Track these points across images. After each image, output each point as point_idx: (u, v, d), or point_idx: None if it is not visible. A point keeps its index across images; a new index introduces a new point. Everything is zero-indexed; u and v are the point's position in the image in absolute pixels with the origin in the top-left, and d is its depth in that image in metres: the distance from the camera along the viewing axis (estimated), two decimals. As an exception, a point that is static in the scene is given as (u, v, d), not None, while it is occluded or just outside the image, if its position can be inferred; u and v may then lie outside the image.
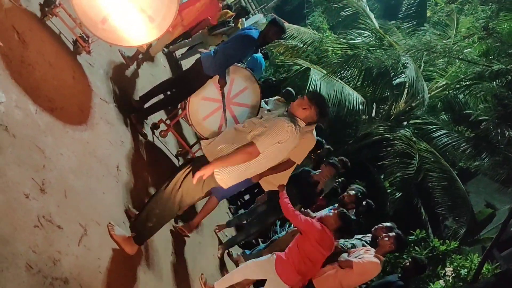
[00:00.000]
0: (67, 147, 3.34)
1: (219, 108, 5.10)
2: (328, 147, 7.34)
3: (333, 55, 11.24)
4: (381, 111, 11.43)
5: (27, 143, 2.91)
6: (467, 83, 10.45)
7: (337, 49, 11.08)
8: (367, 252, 4.89)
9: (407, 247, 7.37)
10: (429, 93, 10.20)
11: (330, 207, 5.68)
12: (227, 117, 4.85)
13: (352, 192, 5.70)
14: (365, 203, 6.14)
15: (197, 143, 6.02)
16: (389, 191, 10.62)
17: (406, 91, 10.35)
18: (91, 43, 4.50)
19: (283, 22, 5.34)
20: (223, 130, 4.63)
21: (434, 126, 10.48)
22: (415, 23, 14.11)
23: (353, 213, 5.83)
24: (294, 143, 3.47)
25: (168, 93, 5.43)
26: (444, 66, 11.36)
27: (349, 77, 10.69)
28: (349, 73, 10.56)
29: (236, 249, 5.93)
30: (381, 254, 4.73)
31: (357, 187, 6.10)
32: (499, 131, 9.86)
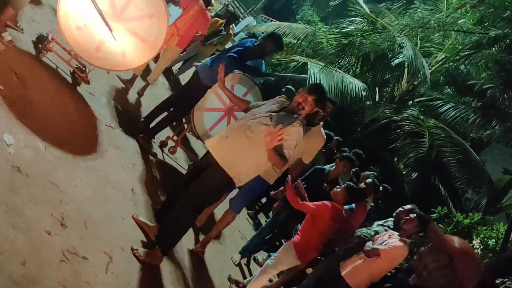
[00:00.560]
0: (80, 178, 3.38)
1: (223, 116, 5.12)
2: (337, 138, 7.32)
3: (328, 46, 11.23)
4: (385, 94, 11.38)
5: (41, 181, 2.95)
6: (466, 53, 10.36)
7: (331, 40, 11.07)
8: (391, 237, 4.86)
9: (431, 226, 7.32)
10: (429, 69, 10.13)
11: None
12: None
13: (368, 180, 5.66)
14: (382, 188, 6.12)
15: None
16: (404, 173, 10.56)
17: (406, 70, 10.29)
18: (88, 72, 4.54)
19: (281, 37, 5.35)
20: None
21: (439, 101, 10.40)
22: (405, 1, 14.01)
23: (372, 200, 5.80)
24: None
25: (171, 109, 5.46)
26: (440, 40, 11.28)
27: (347, 66, 10.65)
28: (347, 61, 10.52)
29: (261, 253, 5.94)
30: (405, 237, 4.71)
31: (371, 173, 6.08)
32: (505, 96, 9.78)
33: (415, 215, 4.80)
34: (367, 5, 12.36)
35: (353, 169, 6.88)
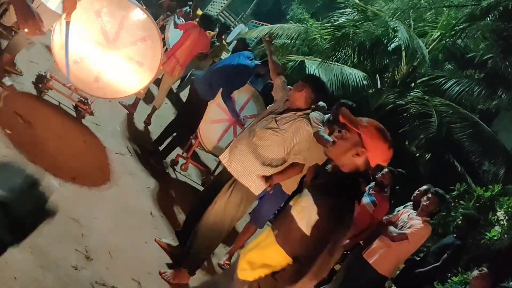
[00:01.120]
0: (98, 209, 3.41)
1: (229, 126, 5.15)
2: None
3: (322, 41, 11.19)
4: (386, 80, 11.30)
5: (61, 218, 2.98)
6: (461, 27, 10.26)
7: (324, 35, 11.03)
8: (410, 218, 4.89)
9: (453, 204, 7.25)
10: (427, 48, 10.05)
11: (367, 191, 5.59)
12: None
13: (385, 170, 5.60)
14: (396, 173, 6.08)
15: (218, 165, 6.05)
16: (417, 155, 10.48)
17: (404, 53, 10.24)
18: (91, 103, 4.59)
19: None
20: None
21: (442, 78, 10.29)
22: (392, -15, 13.99)
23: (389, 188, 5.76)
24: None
25: (178, 130, 5.48)
26: (433, 18, 11.18)
27: (344, 58, 10.59)
28: (343, 53, 10.46)
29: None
30: (425, 215, 4.76)
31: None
32: (507, 63, 9.69)
33: (432, 194, 4.83)
34: (355, -6, 12.34)
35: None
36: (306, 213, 2.17)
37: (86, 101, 4.58)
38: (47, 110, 4.19)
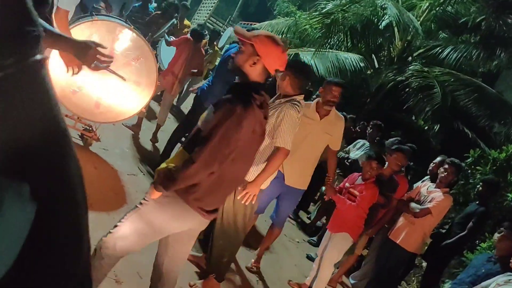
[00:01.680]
0: (120, 232, 3.41)
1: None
2: (350, 116, 7.28)
3: (313, 31, 11.18)
4: (382, 58, 11.28)
5: (85, 246, 2.99)
6: (449, -7, 10.23)
7: (314, 24, 11.02)
8: (430, 192, 4.88)
9: (470, 171, 7.21)
10: (418, 20, 10.02)
11: None
12: None
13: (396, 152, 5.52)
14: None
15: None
16: (426, 128, 10.44)
17: (396, 29, 10.22)
18: (96, 130, 4.62)
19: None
20: None
21: (438, 48, 10.25)
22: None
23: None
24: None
25: (183, 139, 5.50)
26: (419, -11, 11.16)
27: (338, 43, 10.60)
28: (336, 39, 10.47)
29: (315, 249, 5.91)
30: (444, 186, 4.79)
31: (395, 139, 6.03)
32: (501, 22, 9.62)
33: (447, 165, 4.84)
34: (338, -21, 12.31)
35: (376, 139, 6.83)
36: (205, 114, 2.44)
37: (90, 128, 4.61)
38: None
